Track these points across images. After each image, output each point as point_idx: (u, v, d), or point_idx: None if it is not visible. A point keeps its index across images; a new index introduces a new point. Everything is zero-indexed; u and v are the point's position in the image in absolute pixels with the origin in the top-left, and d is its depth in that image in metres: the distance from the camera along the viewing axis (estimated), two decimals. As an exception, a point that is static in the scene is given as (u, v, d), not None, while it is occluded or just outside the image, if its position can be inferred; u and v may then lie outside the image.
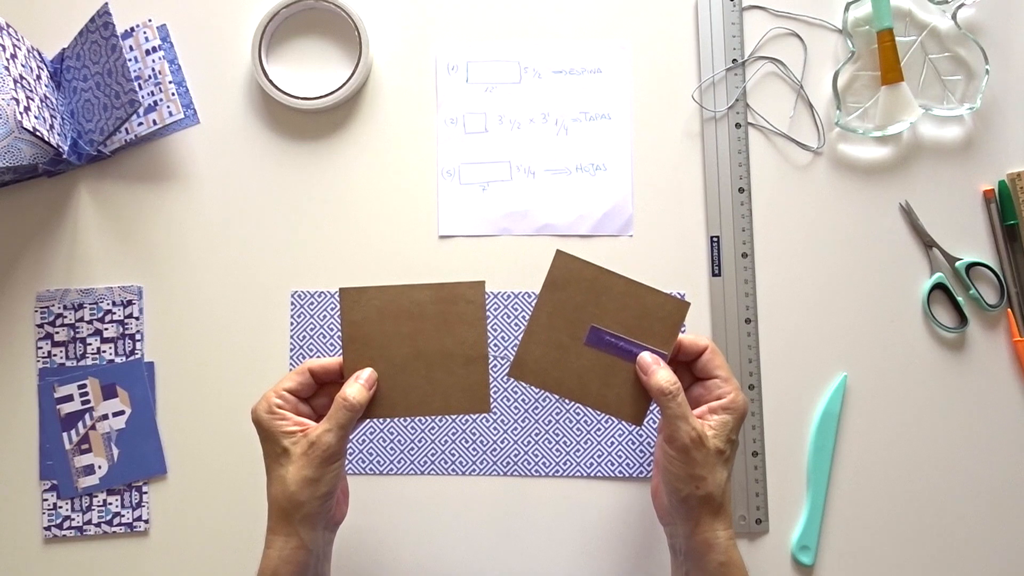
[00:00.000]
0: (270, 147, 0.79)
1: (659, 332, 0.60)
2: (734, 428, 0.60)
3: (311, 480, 0.57)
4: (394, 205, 0.78)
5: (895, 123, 0.76)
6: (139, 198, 0.79)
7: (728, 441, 0.59)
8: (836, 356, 0.76)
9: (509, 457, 0.76)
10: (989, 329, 0.76)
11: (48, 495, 0.76)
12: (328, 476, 0.58)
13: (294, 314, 0.77)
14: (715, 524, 0.59)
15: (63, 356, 0.77)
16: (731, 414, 0.60)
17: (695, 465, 0.58)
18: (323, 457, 0.57)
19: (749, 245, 0.77)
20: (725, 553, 0.59)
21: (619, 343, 0.61)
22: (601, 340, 0.61)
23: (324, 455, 0.57)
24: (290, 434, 0.58)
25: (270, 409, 0.59)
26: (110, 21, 0.74)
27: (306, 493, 0.57)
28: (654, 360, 0.60)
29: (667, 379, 0.59)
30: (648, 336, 0.61)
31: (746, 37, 0.79)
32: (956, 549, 0.74)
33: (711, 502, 0.59)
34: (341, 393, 0.59)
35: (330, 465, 0.58)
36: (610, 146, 0.78)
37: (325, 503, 0.58)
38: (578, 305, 0.61)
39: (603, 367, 0.61)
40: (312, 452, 0.57)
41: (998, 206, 0.76)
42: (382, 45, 0.80)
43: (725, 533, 0.59)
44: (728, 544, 0.59)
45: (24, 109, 0.70)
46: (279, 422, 0.59)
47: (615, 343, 0.61)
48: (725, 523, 0.60)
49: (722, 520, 0.59)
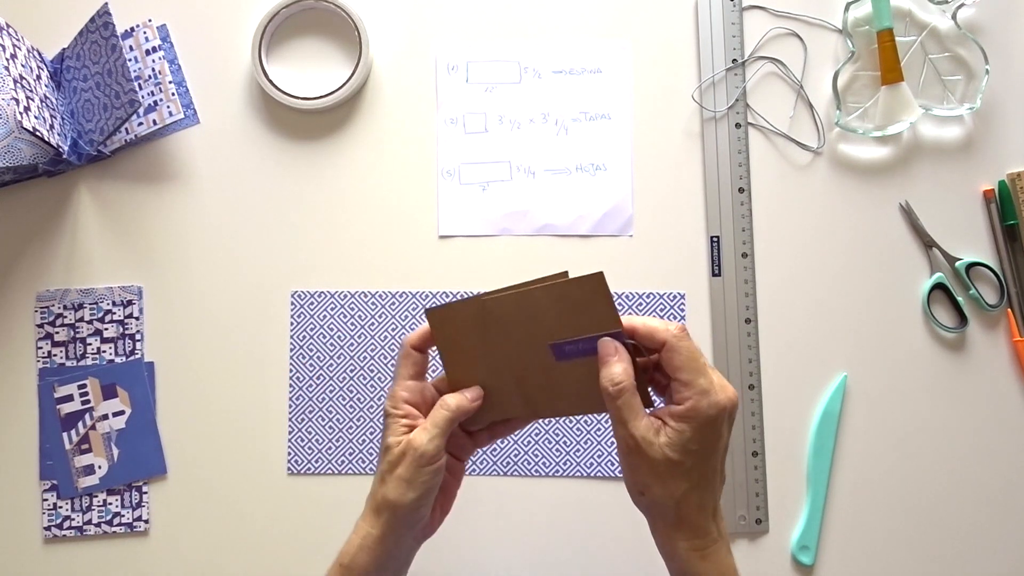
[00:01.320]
0: (270, 147, 0.79)
1: (599, 313, 0.55)
2: (694, 438, 0.52)
3: (405, 481, 0.56)
4: (394, 205, 0.78)
5: (895, 123, 0.76)
6: (139, 198, 0.79)
7: (686, 452, 0.52)
8: (836, 356, 0.76)
9: (509, 457, 0.76)
10: (989, 329, 0.76)
11: (48, 495, 0.76)
12: (421, 479, 0.56)
13: (294, 314, 0.77)
14: (674, 535, 0.54)
15: (63, 356, 0.77)
16: (688, 423, 0.52)
17: (635, 471, 0.54)
18: (416, 460, 0.56)
19: (749, 245, 0.77)
20: (683, 565, 0.54)
21: (579, 345, 0.56)
22: (564, 352, 0.57)
23: (418, 458, 0.56)
24: (400, 431, 0.57)
25: (395, 403, 0.58)
26: (110, 21, 0.74)
27: (397, 493, 0.56)
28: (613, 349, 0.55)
29: (609, 377, 0.54)
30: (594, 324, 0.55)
31: (746, 37, 0.79)
32: (956, 549, 0.74)
33: (662, 513, 0.54)
34: (443, 398, 0.58)
35: (423, 468, 0.56)
36: (610, 146, 0.78)
37: (417, 510, 0.57)
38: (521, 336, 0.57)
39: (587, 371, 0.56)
40: (408, 453, 0.56)
41: (998, 206, 0.76)
42: (382, 45, 0.80)
43: (686, 544, 0.54)
44: (689, 556, 0.54)
45: (24, 109, 0.70)
46: (397, 418, 0.58)
47: (577, 347, 0.56)
48: (688, 535, 0.54)
49: (683, 531, 0.54)
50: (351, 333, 0.77)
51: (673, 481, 0.53)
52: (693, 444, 0.52)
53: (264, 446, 0.76)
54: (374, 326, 0.77)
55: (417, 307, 0.77)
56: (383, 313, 0.77)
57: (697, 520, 0.54)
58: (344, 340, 0.77)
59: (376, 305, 0.77)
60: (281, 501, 0.75)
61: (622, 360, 0.54)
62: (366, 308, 0.77)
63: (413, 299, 0.77)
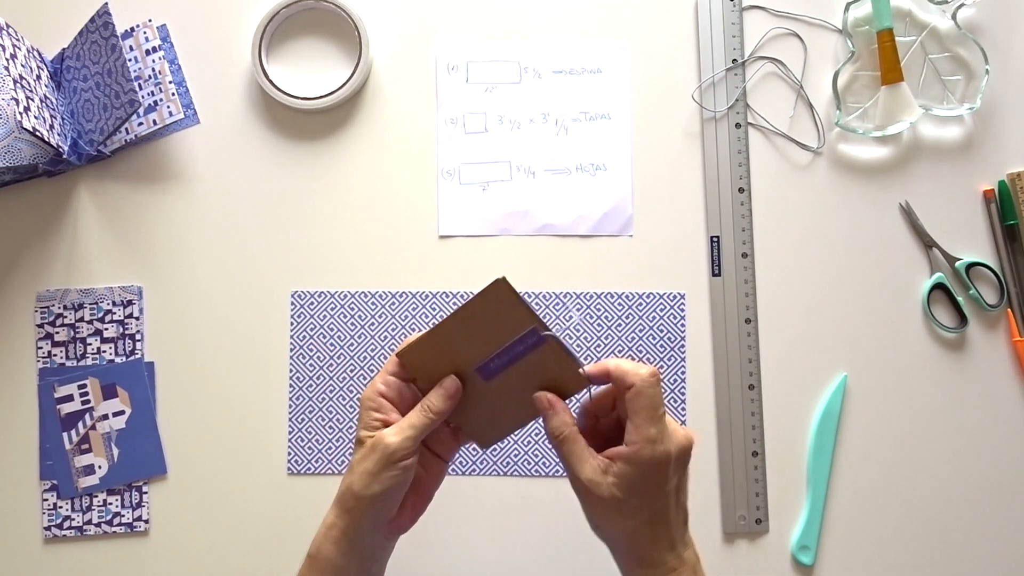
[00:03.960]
0: (270, 147, 0.79)
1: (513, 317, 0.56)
2: (637, 479, 0.54)
3: (371, 475, 0.56)
4: (394, 205, 0.78)
5: (895, 123, 0.76)
6: (139, 198, 0.79)
7: (631, 491, 0.54)
8: (836, 356, 0.76)
9: (509, 457, 0.76)
10: (989, 329, 0.76)
11: (48, 495, 0.76)
12: (386, 475, 0.56)
13: (294, 314, 0.77)
14: (631, 566, 0.57)
15: (63, 356, 0.77)
16: (631, 466, 0.54)
17: (588, 510, 0.57)
18: (384, 456, 0.56)
19: (749, 245, 0.77)
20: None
21: (504, 356, 0.58)
22: (491, 369, 0.58)
23: (386, 454, 0.56)
24: (373, 425, 0.58)
25: (372, 395, 0.58)
26: (110, 21, 0.74)
27: (361, 485, 0.56)
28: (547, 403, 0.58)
29: (551, 428, 0.57)
30: (512, 329, 0.57)
31: (746, 37, 0.79)
32: (956, 549, 0.74)
33: (616, 545, 0.57)
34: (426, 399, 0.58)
35: (391, 465, 0.56)
36: (610, 146, 0.78)
37: (379, 503, 0.57)
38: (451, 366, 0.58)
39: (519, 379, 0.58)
40: (377, 449, 0.56)
41: (998, 206, 0.76)
42: (382, 45, 0.80)
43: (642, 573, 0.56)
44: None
45: (24, 109, 0.70)
46: (371, 411, 0.58)
47: (503, 359, 0.58)
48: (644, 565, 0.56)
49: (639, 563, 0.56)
50: (351, 333, 0.77)
51: (621, 519, 0.56)
52: (638, 484, 0.55)
53: (264, 446, 0.76)
54: (374, 326, 0.77)
55: (417, 307, 0.77)
56: (383, 313, 0.77)
57: (651, 553, 0.56)
58: (344, 340, 0.77)
59: (376, 305, 0.77)
60: (281, 501, 0.75)
61: (558, 411, 0.57)
62: (366, 308, 0.77)
63: (413, 299, 0.77)
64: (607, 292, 0.77)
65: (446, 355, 0.58)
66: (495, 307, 0.56)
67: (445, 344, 0.58)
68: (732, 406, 0.75)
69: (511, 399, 0.59)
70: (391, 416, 0.58)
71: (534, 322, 0.57)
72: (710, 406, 0.76)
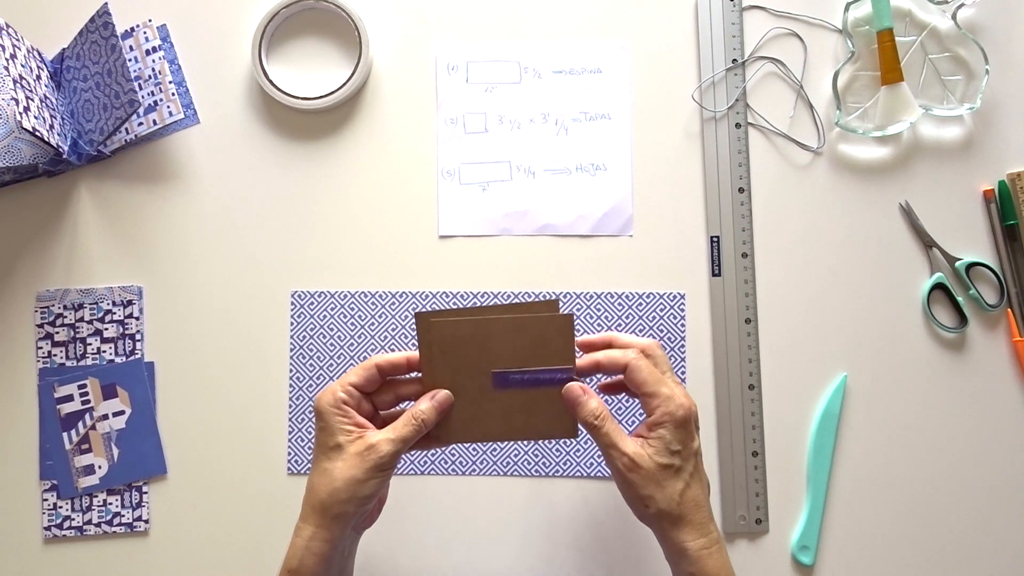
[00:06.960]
0: (270, 147, 0.79)
1: (556, 351, 0.60)
2: (674, 439, 0.58)
3: (358, 481, 0.57)
4: (394, 205, 0.78)
5: (895, 123, 0.76)
6: (139, 198, 0.79)
7: (672, 453, 0.58)
8: (836, 356, 0.76)
9: (509, 457, 0.76)
10: (989, 329, 0.76)
11: (48, 495, 0.76)
12: (374, 482, 0.57)
13: (294, 314, 0.77)
14: (680, 535, 0.58)
15: (63, 356, 0.77)
16: (664, 427, 0.58)
17: (636, 487, 0.58)
18: (376, 463, 0.57)
19: (749, 245, 0.77)
20: (696, 563, 0.58)
21: (525, 377, 0.60)
22: (508, 380, 0.60)
23: (378, 462, 0.57)
24: (348, 431, 0.58)
25: (335, 403, 0.59)
26: (110, 21, 0.74)
27: (348, 492, 0.57)
28: (581, 391, 0.60)
29: (589, 411, 0.59)
30: (548, 358, 0.60)
31: (746, 37, 0.79)
32: (956, 549, 0.74)
33: (667, 517, 0.58)
34: (415, 407, 0.59)
35: (380, 472, 0.58)
36: (610, 146, 0.78)
37: (364, 506, 0.58)
38: (471, 359, 0.60)
39: (521, 402, 0.60)
40: (368, 455, 0.57)
41: (998, 206, 0.76)
42: (382, 45, 0.80)
43: (696, 543, 0.58)
44: (700, 554, 0.58)
45: (24, 109, 0.70)
46: (340, 417, 0.58)
47: (521, 378, 0.60)
48: (694, 533, 0.58)
49: (689, 530, 0.58)
50: (351, 333, 0.77)
51: (670, 483, 0.58)
52: (675, 445, 0.58)
53: (264, 446, 0.76)
54: (374, 326, 0.77)
55: (417, 307, 0.77)
56: (383, 313, 0.77)
57: (699, 518, 0.59)
58: (344, 340, 0.77)
59: (376, 305, 0.77)
60: (281, 501, 0.75)
61: (592, 396, 0.60)
62: (366, 308, 0.77)
63: (413, 299, 0.77)
64: (607, 292, 0.77)
65: (474, 345, 0.60)
66: (549, 334, 0.59)
67: (483, 337, 0.60)
68: (732, 406, 0.76)
69: (505, 414, 0.61)
70: (360, 423, 0.59)
71: (572, 362, 0.60)
72: (710, 406, 0.76)
